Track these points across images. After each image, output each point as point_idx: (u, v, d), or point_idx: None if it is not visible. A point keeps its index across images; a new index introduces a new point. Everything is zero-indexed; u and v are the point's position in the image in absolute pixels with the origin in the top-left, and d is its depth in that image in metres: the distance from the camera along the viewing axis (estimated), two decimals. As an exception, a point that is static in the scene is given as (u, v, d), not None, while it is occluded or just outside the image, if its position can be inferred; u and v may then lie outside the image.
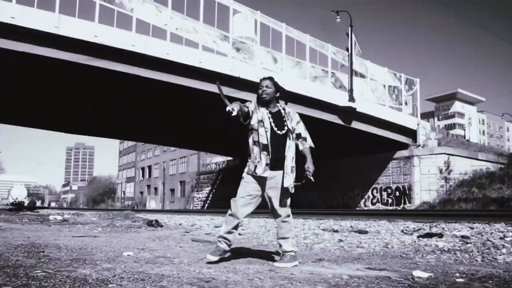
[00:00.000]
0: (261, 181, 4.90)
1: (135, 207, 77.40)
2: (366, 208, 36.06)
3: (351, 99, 30.13)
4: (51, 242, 6.29)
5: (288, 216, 5.02)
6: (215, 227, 10.72)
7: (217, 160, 59.15)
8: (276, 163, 4.91)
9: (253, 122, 4.96)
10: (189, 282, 3.43)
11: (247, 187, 4.96)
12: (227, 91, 25.59)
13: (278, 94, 5.12)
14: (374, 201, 36.75)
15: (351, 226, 9.49)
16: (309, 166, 5.10)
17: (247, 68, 26.45)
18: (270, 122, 4.93)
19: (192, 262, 4.82)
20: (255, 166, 4.89)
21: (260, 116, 4.96)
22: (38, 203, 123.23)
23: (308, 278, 3.86)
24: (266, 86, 5.05)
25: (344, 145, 35.04)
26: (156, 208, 66.01)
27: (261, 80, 5.14)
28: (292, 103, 27.87)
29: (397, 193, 35.21)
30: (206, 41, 25.65)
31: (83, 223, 11.32)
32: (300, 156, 5.26)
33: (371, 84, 33.34)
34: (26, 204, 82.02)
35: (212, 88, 25.26)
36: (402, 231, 8.27)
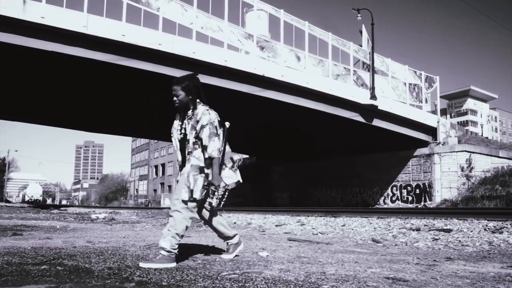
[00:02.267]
0: None
1: (149, 205, 77.73)
2: (386, 206, 36.07)
3: (373, 97, 30.14)
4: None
5: (173, 212, 4.46)
6: (276, 226, 10.72)
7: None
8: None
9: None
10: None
11: None
12: (251, 90, 25.73)
13: (191, 97, 4.56)
14: (394, 198, 36.73)
15: (425, 225, 9.45)
16: (212, 181, 4.54)
17: (271, 66, 26.50)
18: (178, 130, 4.62)
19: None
20: None
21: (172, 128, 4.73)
22: (49, 201, 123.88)
23: (474, 277, 3.83)
24: (175, 94, 4.53)
25: (363, 142, 35.07)
26: (170, 205, 65.92)
27: (171, 87, 4.58)
28: (315, 101, 27.97)
29: (417, 191, 35.18)
30: (230, 40, 25.72)
31: (134, 222, 11.39)
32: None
33: (392, 82, 33.32)
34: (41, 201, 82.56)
35: (236, 86, 25.45)
36: (485, 229, 8.27)
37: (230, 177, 4.74)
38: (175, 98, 4.48)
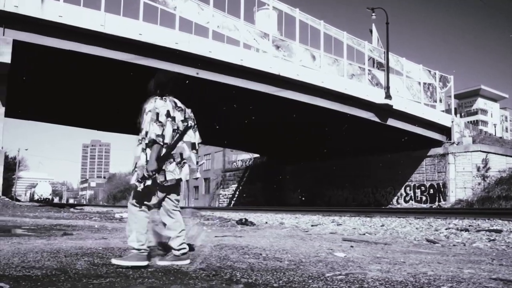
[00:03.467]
0: None
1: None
2: (399, 206, 35.92)
3: (388, 96, 30.00)
4: (227, 244, 6.16)
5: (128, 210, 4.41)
6: (312, 225, 10.64)
7: (243, 157, 59.16)
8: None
9: None
10: None
11: None
12: (266, 89, 25.64)
13: (159, 91, 4.57)
14: (407, 198, 36.58)
15: (469, 225, 9.31)
16: (149, 166, 4.24)
17: (287, 65, 26.42)
18: None
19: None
20: None
21: None
22: (56, 200, 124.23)
23: None
24: (149, 85, 4.69)
25: (377, 142, 34.90)
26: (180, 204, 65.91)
27: None
28: (329, 101, 27.85)
29: (431, 191, 35.01)
30: (246, 39, 25.65)
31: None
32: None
33: (406, 81, 33.16)
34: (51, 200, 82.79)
35: (251, 85, 25.36)
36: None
37: (173, 172, 4.35)
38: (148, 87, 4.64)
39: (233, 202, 55.52)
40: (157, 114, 4.36)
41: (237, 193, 55.60)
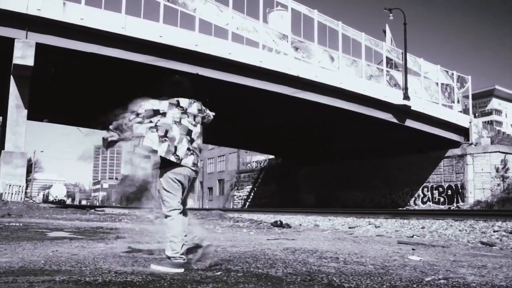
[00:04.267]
0: None
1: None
2: (417, 207, 35.74)
3: (406, 97, 29.91)
4: (302, 247, 6.09)
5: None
6: (349, 227, 10.61)
7: (258, 159, 59.09)
8: None
9: None
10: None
11: None
12: (285, 90, 25.61)
13: (165, 92, 4.71)
14: (425, 199, 36.39)
15: None
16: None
17: (306, 67, 26.41)
18: None
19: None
20: None
21: None
22: (68, 201, 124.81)
23: None
24: None
25: (394, 143, 34.78)
26: (193, 206, 66.27)
27: None
28: (348, 102, 27.81)
29: (449, 192, 34.80)
30: (265, 40, 25.70)
31: (201, 224, 11.37)
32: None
33: (424, 82, 33.03)
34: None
35: (270, 87, 25.38)
36: None
37: (153, 141, 4.39)
38: None
39: (247, 203, 55.51)
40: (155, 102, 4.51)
41: (252, 194, 55.59)
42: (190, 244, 4.46)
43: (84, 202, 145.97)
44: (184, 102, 4.57)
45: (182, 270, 3.98)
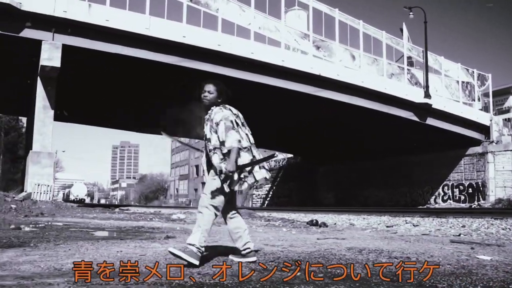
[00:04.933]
0: None
1: (190, 204, 78.37)
2: (437, 206, 35.68)
3: (427, 95, 29.90)
4: (362, 246, 6.11)
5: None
6: (387, 226, 10.56)
7: (276, 158, 59.25)
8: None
9: None
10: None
11: None
12: (307, 89, 25.75)
13: (220, 100, 4.60)
14: (445, 198, 36.33)
15: None
16: (227, 166, 4.31)
17: (327, 66, 26.53)
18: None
19: None
20: None
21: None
22: (87, 200, 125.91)
23: None
24: (209, 92, 4.58)
25: (414, 141, 34.72)
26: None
27: (204, 84, 4.67)
28: (369, 100, 27.86)
29: (470, 190, 34.73)
30: (287, 40, 25.85)
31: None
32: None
33: (445, 80, 32.97)
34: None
35: (292, 86, 25.52)
36: None
37: (259, 172, 4.48)
38: (206, 94, 4.55)
39: (266, 202, 55.67)
40: (231, 122, 4.42)
41: (271, 193, 55.73)
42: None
43: (103, 201, 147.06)
44: (235, 110, 4.66)
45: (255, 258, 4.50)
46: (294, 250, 5.61)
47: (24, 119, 69.86)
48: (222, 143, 4.34)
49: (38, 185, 20.05)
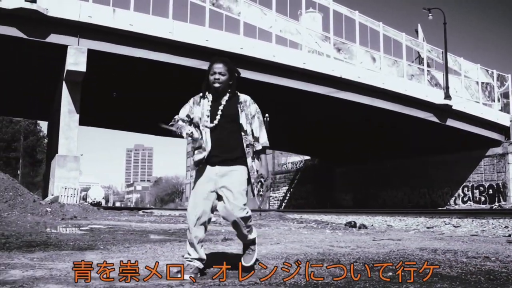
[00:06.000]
0: None
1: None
2: (457, 207, 35.53)
3: (447, 96, 29.86)
4: (432, 247, 6.17)
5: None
6: (427, 227, 10.58)
7: (293, 160, 59.35)
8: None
9: (195, 118, 4.06)
10: None
11: None
12: (327, 91, 25.84)
13: (231, 82, 4.06)
14: (465, 199, 36.19)
15: None
16: (262, 171, 4.09)
17: (348, 68, 26.61)
18: (217, 115, 3.96)
19: None
20: None
21: (201, 110, 4.02)
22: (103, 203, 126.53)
23: None
24: (220, 73, 3.98)
25: (434, 143, 34.69)
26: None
27: (212, 64, 4.05)
28: (390, 102, 27.89)
29: (490, 191, 34.59)
30: (308, 42, 25.95)
31: (266, 225, 11.64)
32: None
33: (464, 81, 32.90)
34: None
35: (313, 88, 25.62)
36: None
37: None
38: (218, 76, 3.96)
39: (284, 204, 55.72)
40: (263, 116, 4.16)
41: (288, 195, 55.79)
42: None
43: (117, 204, 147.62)
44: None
45: None
46: (366, 251, 5.65)
47: (42, 123, 70.93)
48: (256, 139, 4.05)
49: (65, 188, 20.26)
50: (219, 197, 3.89)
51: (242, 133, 4.00)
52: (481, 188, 35.31)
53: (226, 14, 23.91)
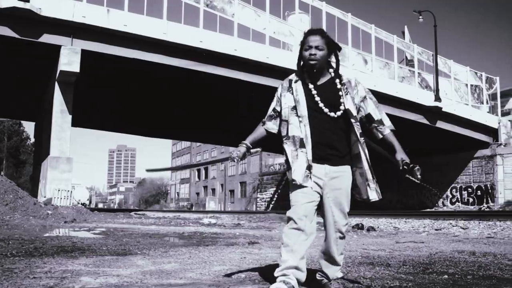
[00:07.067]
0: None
1: (192, 208, 78.39)
2: (445, 208, 35.81)
3: (437, 98, 30.08)
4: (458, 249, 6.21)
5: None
6: (436, 230, 10.53)
7: (281, 161, 59.39)
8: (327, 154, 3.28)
9: (284, 109, 3.36)
10: None
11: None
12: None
13: (331, 58, 3.38)
14: (454, 200, 36.51)
15: None
16: (403, 156, 3.47)
17: (340, 70, 26.59)
18: (316, 101, 3.26)
19: None
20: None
21: (295, 97, 3.33)
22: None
23: None
24: (316, 47, 3.24)
25: (423, 144, 34.83)
26: (215, 209, 66.74)
27: (307, 35, 3.31)
28: (382, 104, 27.89)
29: (479, 192, 34.92)
30: (301, 44, 25.90)
31: (272, 228, 11.60)
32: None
33: (454, 84, 33.16)
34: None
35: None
36: None
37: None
38: (314, 52, 3.23)
39: (271, 205, 55.75)
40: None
41: (276, 196, 55.83)
42: None
43: (100, 205, 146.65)
44: None
45: None
46: (405, 254, 5.67)
47: (25, 124, 70.21)
48: (380, 122, 3.42)
49: (59, 190, 20.02)
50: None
51: (352, 120, 3.28)
52: (469, 189, 35.63)
53: (220, 16, 23.84)
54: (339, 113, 3.25)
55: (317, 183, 3.21)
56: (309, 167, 3.19)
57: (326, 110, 3.23)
